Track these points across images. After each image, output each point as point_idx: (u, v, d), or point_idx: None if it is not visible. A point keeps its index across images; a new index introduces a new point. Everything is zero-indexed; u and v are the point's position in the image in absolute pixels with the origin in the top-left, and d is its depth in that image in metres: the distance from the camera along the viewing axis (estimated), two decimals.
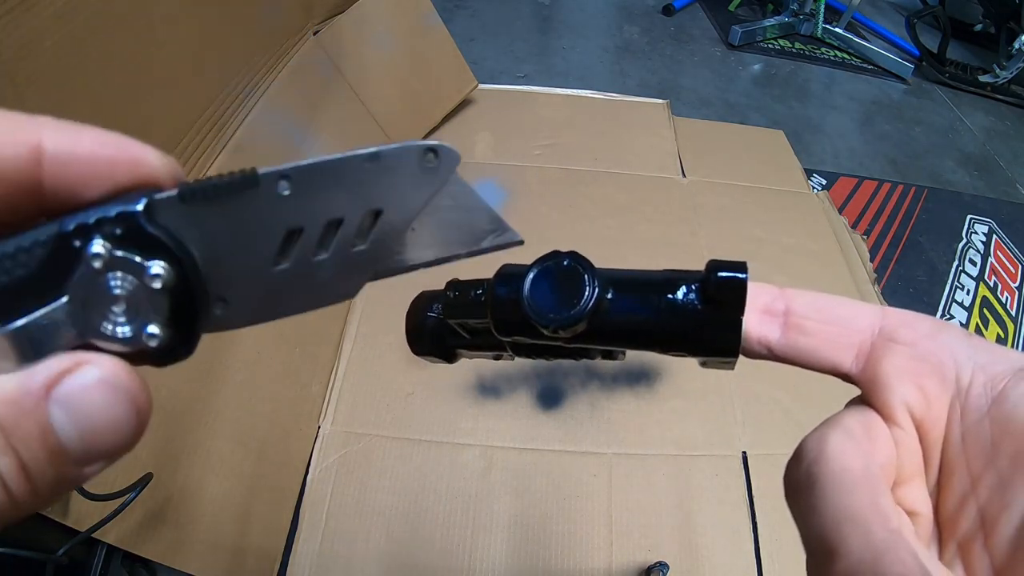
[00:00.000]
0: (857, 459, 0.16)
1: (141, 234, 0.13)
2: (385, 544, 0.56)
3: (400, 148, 0.15)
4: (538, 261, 0.22)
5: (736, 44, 1.58)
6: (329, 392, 0.66)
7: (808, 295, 0.20)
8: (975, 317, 0.96)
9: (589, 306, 0.21)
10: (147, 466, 0.43)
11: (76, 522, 0.39)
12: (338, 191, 0.15)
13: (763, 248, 0.86)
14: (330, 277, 0.15)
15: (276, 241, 0.15)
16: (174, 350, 0.14)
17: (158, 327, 0.13)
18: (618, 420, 0.66)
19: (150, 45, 0.49)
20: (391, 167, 0.15)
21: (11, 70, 0.36)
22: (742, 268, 0.20)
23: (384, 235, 0.15)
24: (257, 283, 0.15)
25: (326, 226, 0.15)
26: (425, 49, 0.92)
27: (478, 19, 1.54)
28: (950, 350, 0.17)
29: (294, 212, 0.14)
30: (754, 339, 0.20)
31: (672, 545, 0.58)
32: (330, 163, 0.14)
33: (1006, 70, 1.50)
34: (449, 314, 0.28)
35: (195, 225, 0.14)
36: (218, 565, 0.48)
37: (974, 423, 0.16)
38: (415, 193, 0.15)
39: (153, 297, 0.13)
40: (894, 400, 0.17)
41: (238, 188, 0.14)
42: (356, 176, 0.15)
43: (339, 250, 0.15)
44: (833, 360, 0.19)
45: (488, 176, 0.90)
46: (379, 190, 0.15)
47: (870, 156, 1.28)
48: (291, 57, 0.73)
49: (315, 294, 0.15)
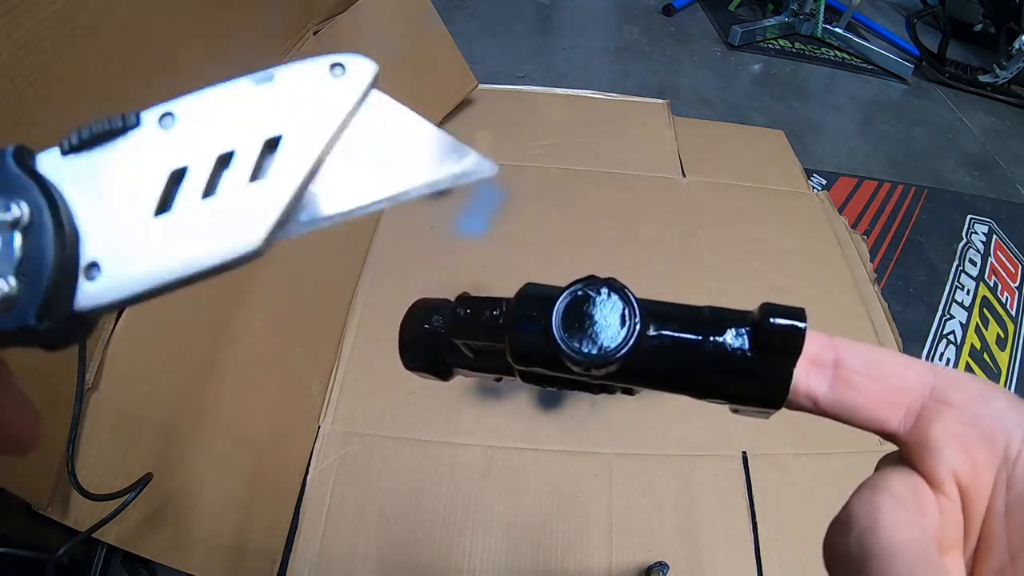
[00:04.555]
0: (913, 531, 0.15)
1: (6, 176, 0.12)
2: (385, 544, 0.56)
3: (298, 65, 0.13)
4: (571, 286, 0.20)
5: (736, 44, 1.58)
6: (329, 392, 0.66)
7: (859, 347, 0.19)
8: (975, 317, 0.96)
9: (629, 345, 0.18)
10: (147, 466, 0.43)
11: (76, 522, 0.39)
12: (228, 121, 0.13)
13: (763, 248, 0.86)
14: (224, 225, 0.13)
15: (159, 187, 0.13)
16: (22, 309, 0.12)
17: (5, 279, 0.11)
18: (618, 420, 0.66)
19: (150, 45, 0.49)
20: (289, 88, 0.13)
21: (11, 70, 0.36)
22: (801, 316, 0.18)
23: (287, 169, 0.13)
24: (136, 239, 0.13)
25: (217, 163, 0.13)
26: (425, 49, 0.92)
27: (478, 19, 1.54)
28: (1000, 417, 0.17)
29: (178, 150, 0.13)
30: (801, 392, 0.19)
31: (672, 545, 0.58)
32: (216, 90, 0.13)
33: (1006, 70, 1.50)
34: (456, 333, 0.25)
35: (78, 180, 0.12)
36: (218, 565, 0.48)
37: (1019, 495, 0.16)
38: (322, 115, 0.13)
39: (5, 243, 0.12)
40: (942, 467, 0.16)
41: (117, 130, 0.13)
42: (247, 102, 0.13)
43: (231, 189, 0.13)
44: (881, 419, 0.18)
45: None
46: (276, 116, 0.13)
47: (870, 156, 1.28)
48: (291, 57, 0.73)
49: (205, 249, 0.13)
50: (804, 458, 0.63)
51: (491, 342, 0.23)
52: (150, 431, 0.45)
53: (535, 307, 0.20)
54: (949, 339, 0.92)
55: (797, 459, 0.63)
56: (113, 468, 0.41)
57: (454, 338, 0.25)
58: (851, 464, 0.61)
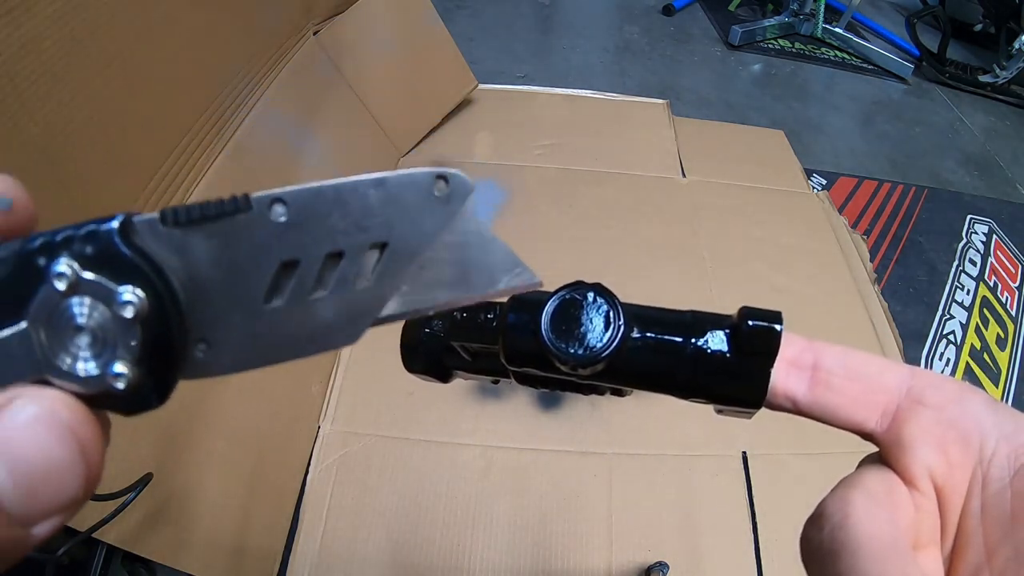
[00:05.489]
0: (884, 525, 0.15)
1: (114, 255, 0.12)
2: (385, 544, 0.56)
3: (408, 175, 0.13)
4: (559, 291, 0.21)
5: (736, 44, 1.58)
6: (329, 392, 0.66)
7: (837, 350, 0.19)
8: (975, 317, 0.96)
9: (613, 345, 0.19)
10: (147, 466, 0.43)
11: (76, 522, 0.39)
12: (339, 220, 0.13)
13: (763, 248, 0.86)
14: (329, 319, 0.13)
15: (268, 275, 0.13)
16: (144, 395, 0.12)
17: (126, 366, 0.12)
18: (618, 420, 0.66)
19: (150, 45, 0.49)
20: (397, 195, 0.13)
21: (11, 70, 0.36)
22: (777, 319, 0.19)
23: (390, 272, 0.14)
24: (245, 322, 0.13)
25: (325, 260, 0.13)
26: (425, 49, 0.92)
27: (478, 19, 1.54)
28: (975, 417, 0.17)
29: (289, 242, 0.13)
30: (780, 393, 0.19)
31: (672, 545, 0.58)
32: (330, 188, 0.13)
33: (1006, 70, 1.50)
34: (454, 336, 0.26)
35: (178, 253, 0.12)
36: (218, 565, 0.48)
37: (994, 494, 0.16)
38: (423, 225, 0.13)
39: (123, 330, 0.12)
40: (917, 465, 0.17)
41: (227, 212, 0.13)
42: (359, 204, 0.13)
43: (339, 288, 0.13)
44: (858, 419, 0.19)
45: (488, 176, 0.90)
46: (384, 221, 0.13)
47: (870, 156, 1.28)
48: (291, 57, 0.73)
49: (311, 338, 0.14)
50: (804, 458, 0.63)
51: (486, 344, 0.25)
52: (150, 431, 0.45)
53: (526, 310, 0.21)
54: (949, 339, 0.92)
55: (797, 459, 0.63)
56: (113, 468, 0.41)
57: (452, 341, 0.26)
58: (851, 464, 0.60)
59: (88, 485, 0.11)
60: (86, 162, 0.42)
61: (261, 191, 0.13)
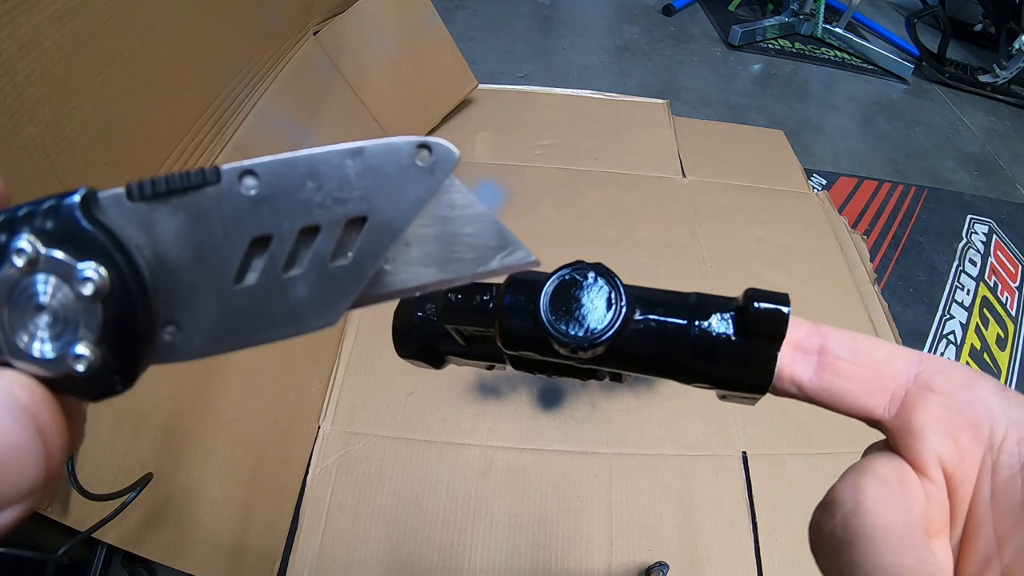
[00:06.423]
0: (898, 513, 0.15)
1: (75, 231, 0.11)
2: (385, 544, 0.56)
3: (387, 143, 0.12)
4: (559, 270, 0.20)
5: (736, 44, 1.58)
6: (329, 392, 0.66)
7: (844, 334, 0.19)
8: (975, 317, 0.96)
9: (615, 328, 0.18)
10: (147, 466, 0.43)
11: (76, 522, 0.39)
12: (313, 193, 0.12)
13: (763, 248, 0.86)
14: (304, 298, 0.13)
15: (239, 251, 0.12)
16: (107, 379, 0.12)
17: (87, 347, 0.11)
18: (618, 420, 0.66)
19: (150, 45, 0.49)
20: (376, 166, 0.12)
21: (11, 70, 0.36)
22: (785, 300, 0.18)
23: (369, 249, 0.13)
24: (215, 303, 0.12)
25: (299, 235, 0.12)
26: (425, 49, 0.92)
27: (478, 19, 1.54)
28: (985, 403, 0.16)
29: (261, 216, 0.12)
30: (786, 377, 0.19)
31: (672, 545, 0.58)
32: (304, 159, 0.12)
33: (1006, 70, 1.50)
34: (447, 318, 0.25)
35: (144, 230, 0.12)
36: (218, 565, 0.48)
37: (1004, 481, 0.16)
38: (405, 198, 0.13)
39: (84, 309, 0.11)
40: (927, 451, 0.16)
41: (195, 184, 0.12)
42: (335, 175, 0.12)
43: (315, 265, 0.13)
44: (866, 405, 0.18)
45: (488, 176, 0.90)
46: (363, 193, 0.12)
47: (870, 156, 1.28)
48: (291, 57, 0.73)
49: (287, 319, 0.13)
50: (804, 458, 0.63)
51: (482, 327, 0.24)
52: (150, 431, 0.45)
53: (524, 291, 0.20)
54: (949, 339, 0.92)
55: (797, 459, 0.63)
56: (113, 468, 0.41)
57: (446, 324, 0.25)
58: (851, 464, 0.61)
59: (49, 471, 0.11)
60: (86, 162, 0.42)
61: (232, 163, 0.12)
